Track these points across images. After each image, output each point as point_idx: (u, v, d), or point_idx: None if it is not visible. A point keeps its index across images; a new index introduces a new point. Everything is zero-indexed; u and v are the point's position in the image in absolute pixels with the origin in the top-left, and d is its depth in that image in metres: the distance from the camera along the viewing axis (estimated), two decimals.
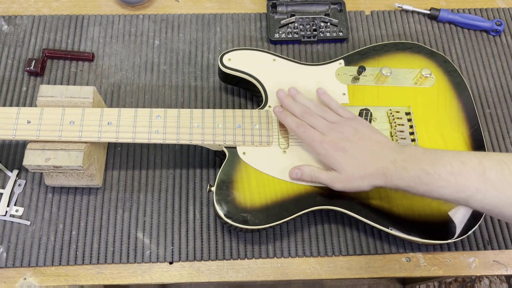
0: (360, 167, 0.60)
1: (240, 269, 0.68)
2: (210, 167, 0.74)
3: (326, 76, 0.74)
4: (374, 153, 0.60)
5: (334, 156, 0.61)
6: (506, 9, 0.90)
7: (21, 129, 0.64)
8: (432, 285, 1.36)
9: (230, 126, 0.67)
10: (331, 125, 0.64)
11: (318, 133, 0.64)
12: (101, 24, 0.85)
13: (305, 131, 0.64)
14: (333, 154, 0.61)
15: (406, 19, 0.88)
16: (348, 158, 0.61)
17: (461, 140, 0.71)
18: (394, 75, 0.75)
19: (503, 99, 0.81)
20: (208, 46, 0.84)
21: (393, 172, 0.58)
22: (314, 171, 0.63)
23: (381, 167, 0.59)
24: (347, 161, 0.61)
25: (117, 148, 0.75)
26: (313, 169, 0.64)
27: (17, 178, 0.72)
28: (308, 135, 0.64)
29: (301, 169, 0.64)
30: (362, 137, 0.62)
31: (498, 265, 0.69)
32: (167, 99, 0.79)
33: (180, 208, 0.71)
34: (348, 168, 0.60)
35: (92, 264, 0.67)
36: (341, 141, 0.62)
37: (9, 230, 0.69)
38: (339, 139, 0.62)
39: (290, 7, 0.85)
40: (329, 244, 0.69)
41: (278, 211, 0.63)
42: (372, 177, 0.59)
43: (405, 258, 0.69)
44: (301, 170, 0.64)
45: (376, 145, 0.61)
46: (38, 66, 0.78)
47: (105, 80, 0.80)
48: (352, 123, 0.63)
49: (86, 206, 0.71)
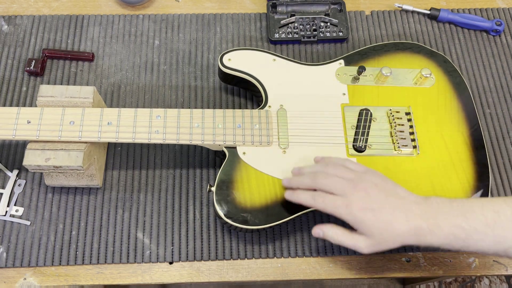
0: (392, 229, 0.55)
1: (240, 269, 0.68)
2: (210, 167, 0.74)
3: (326, 76, 0.74)
4: (402, 210, 0.55)
5: (364, 220, 0.55)
6: (506, 9, 0.90)
7: (21, 129, 0.64)
8: (432, 285, 1.36)
9: (230, 126, 0.67)
10: (349, 184, 0.57)
11: (338, 197, 0.57)
12: (101, 24, 0.85)
13: (324, 200, 0.58)
14: (362, 218, 0.55)
15: (406, 19, 0.88)
16: (378, 221, 0.55)
17: (461, 140, 0.71)
18: (394, 75, 0.75)
19: (503, 99, 0.81)
20: (208, 46, 0.84)
21: (426, 231, 0.53)
22: (338, 235, 0.58)
23: (413, 227, 0.54)
24: (378, 224, 0.55)
25: (117, 148, 0.75)
26: (336, 233, 0.58)
27: (17, 178, 0.72)
28: (328, 203, 0.57)
29: (324, 231, 0.59)
30: (385, 192, 0.57)
31: (498, 265, 0.69)
32: (167, 99, 0.79)
33: (180, 208, 0.71)
34: (379, 232, 0.55)
35: (92, 264, 0.67)
36: (367, 201, 0.56)
37: (9, 230, 0.69)
38: (364, 199, 0.56)
39: (290, 7, 0.85)
40: (329, 244, 0.69)
41: (278, 211, 0.63)
42: (404, 237, 0.55)
43: (405, 258, 0.69)
44: (324, 232, 0.59)
45: (401, 200, 0.56)
46: (38, 66, 0.78)
47: (105, 80, 0.80)
48: (369, 178, 0.58)
49: (86, 206, 0.71)
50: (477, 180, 0.68)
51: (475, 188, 0.68)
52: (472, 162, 0.69)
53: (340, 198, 0.57)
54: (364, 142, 0.69)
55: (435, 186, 0.67)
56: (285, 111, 0.70)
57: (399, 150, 0.69)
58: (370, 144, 0.69)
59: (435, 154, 0.69)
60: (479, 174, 0.69)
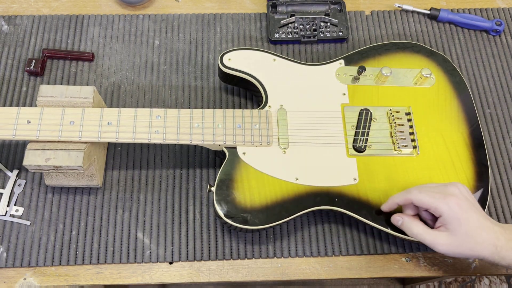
0: (477, 235, 0.56)
1: (240, 269, 0.68)
2: (210, 167, 0.74)
3: (326, 76, 0.74)
4: (487, 222, 0.57)
5: (457, 215, 0.57)
6: (506, 9, 0.90)
7: (21, 129, 0.64)
8: (432, 285, 1.36)
9: (230, 126, 0.67)
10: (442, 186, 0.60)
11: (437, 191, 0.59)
12: (101, 24, 0.85)
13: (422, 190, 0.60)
14: (457, 212, 0.57)
15: (406, 19, 0.88)
16: (468, 222, 0.56)
17: (461, 140, 0.71)
18: (394, 75, 0.75)
19: (503, 99, 0.81)
20: (208, 46, 0.84)
21: (503, 243, 0.55)
22: (418, 227, 0.60)
23: (493, 236, 0.56)
24: (466, 226, 0.56)
25: (117, 148, 0.75)
26: (416, 224, 0.60)
27: (17, 178, 0.72)
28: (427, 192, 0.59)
29: (404, 221, 0.61)
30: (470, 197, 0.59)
31: (498, 265, 0.69)
32: (167, 99, 0.79)
33: (180, 208, 0.71)
34: (465, 233, 0.56)
35: (92, 264, 0.67)
36: (462, 201, 0.57)
37: (9, 230, 0.69)
38: (461, 199, 0.58)
39: (290, 7, 0.85)
40: (329, 244, 0.69)
41: (278, 211, 0.63)
42: (484, 247, 0.56)
43: (405, 258, 0.69)
44: (403, 221, 0.61)
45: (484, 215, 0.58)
46: (38, 66, 0.78)
47: (105, 80, 0.80)
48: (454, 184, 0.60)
49: (86, 206, 0.71)
50: (477, 180, 0.68)
51: (475, 188, 0.68)
52: (472, 162, 0.69)
53: (439, 192, 0.59)
54: (364, 142, 0.69)
55: None
56: (285, 111, 0.70)
57: (399, 150, 0.69)
58: (370, 144, 0.69)
59: (435, 154, 0.69)
60: (479, 174, 0.69)
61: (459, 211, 0.57)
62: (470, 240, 0.56)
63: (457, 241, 0.57)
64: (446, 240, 0.57)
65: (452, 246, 0.57)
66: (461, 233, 0.57)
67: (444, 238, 0.58)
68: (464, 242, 0.57)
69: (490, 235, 0.56)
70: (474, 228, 0.56)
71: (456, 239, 0.57)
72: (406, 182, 0.67)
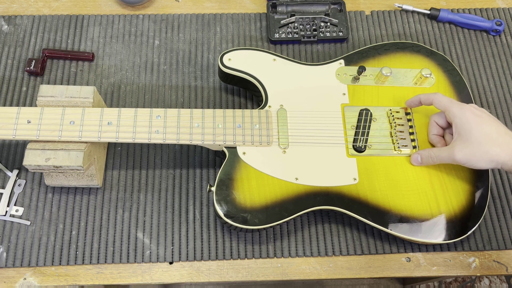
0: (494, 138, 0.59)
1: (240, 269, 0.68)
2: (210, 167, 0.74)
3: (326, 76, 0.74)
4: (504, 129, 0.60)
5: (470, 119, 0.61)
6: (506, 9, 0.90)
7: (21, 129, 0.64)
8: (432, 285, 1.36)
9: (230, 126, 0.67)
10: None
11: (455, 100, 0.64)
12: (101, 24, 0.85)
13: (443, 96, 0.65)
14: (470, 116, 0.61)
15: (406, 19, 0.88)
16: (482, 129, 0.60)
17: None
18: (394, 75, 0.75)
19: (503, 99, 0.81)
20: (208, 46, 0.84)
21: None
22: (433, 151, 0.65)
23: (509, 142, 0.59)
24: (480, 132, 0.60)
25: (117, 148, 0.75)
26: (432, 150, 0.65)
27: (17, 178, 0.72)
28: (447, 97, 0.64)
29: (420, 153, 0.66)
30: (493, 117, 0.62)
31: (498, 265, 0.69)
32: (167, 99, 0.79)
33: (180, 208, 0.71)
34: (479, 141, 0.59)
35: (92, 264, 0.67)
36: (478, 111, 0.62)
37: (9, 230, 0.69)
38: (477, 110, 0.62)
39: (290, 7, 0.85)
40: (329, 244, 0.69)
41: (278, 211, 0.63)
42: (502, 147, 0.58)
43: (405, 258, 0.69)
44: (420, 154, 0.66)
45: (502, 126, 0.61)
46: (38, 66, 0.78)
47: (105, 80, 0.80)
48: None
49: (86, 206, 0.71)
50: (477, 180, 0.68)
51: (475, 188, 0.68)
52: None
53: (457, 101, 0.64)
54: (364, 142, 0.69)
55: (435, 186, 0.67)
56: (285, 111, 0.70)
57: (399, 150, 0.69)
58: (370, 144, 0.69)
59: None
60: (479, 174, 0.69)
61: (471, 116, 0.61)
62: (486, 146, 0.59)
63: (472, 150, 0.60)
64: (462, 149, 0.61)
65: (469, 155, 0.60)
66: (474, 141, 0.60)
67: (459, 146, 0.61)
68: (479, 151, 0.59)
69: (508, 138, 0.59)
70: (488, 133, 0.59)
71: (471, 147, 0.60)
72: (406, 182, 0.67)
